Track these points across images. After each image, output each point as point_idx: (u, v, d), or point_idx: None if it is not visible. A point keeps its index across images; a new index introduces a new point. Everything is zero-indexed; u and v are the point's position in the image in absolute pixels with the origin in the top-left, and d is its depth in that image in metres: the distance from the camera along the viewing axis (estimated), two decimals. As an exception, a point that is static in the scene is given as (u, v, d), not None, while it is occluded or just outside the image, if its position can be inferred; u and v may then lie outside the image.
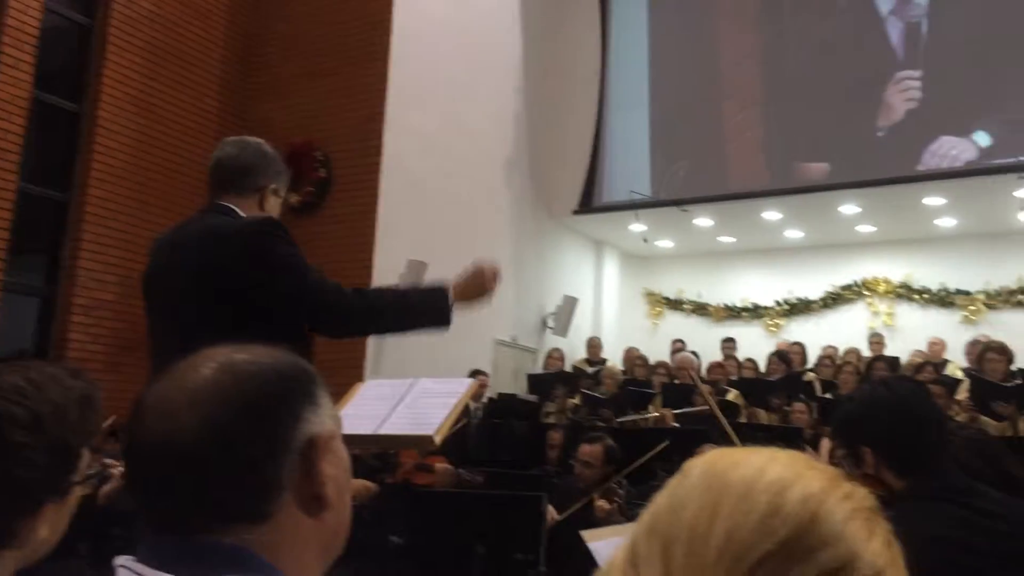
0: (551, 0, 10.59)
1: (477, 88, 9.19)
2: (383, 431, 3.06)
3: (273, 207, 2.65)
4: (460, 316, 2.52)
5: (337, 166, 8.06)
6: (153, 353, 2.51)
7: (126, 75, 7.62)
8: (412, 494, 4.73)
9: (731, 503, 0.66)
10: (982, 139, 8.32)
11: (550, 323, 10.32)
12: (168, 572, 0.79)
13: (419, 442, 3.26)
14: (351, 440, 3.08)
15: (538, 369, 9.56)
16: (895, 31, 8.90)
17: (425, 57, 8.37)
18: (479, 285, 2.57)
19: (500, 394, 8.31)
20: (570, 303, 10.19)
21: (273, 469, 0.86)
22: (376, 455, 4.98)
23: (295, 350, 2.50)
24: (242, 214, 2.57)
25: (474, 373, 7.42)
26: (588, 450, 4.49)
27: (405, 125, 8.08)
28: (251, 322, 2.35)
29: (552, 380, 8.37)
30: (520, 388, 9.11)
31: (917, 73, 8.70)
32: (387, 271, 7.80)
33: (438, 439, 2.89)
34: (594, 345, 9.98)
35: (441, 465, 5.15)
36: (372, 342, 7.55)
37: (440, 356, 7.12)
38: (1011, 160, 7.86)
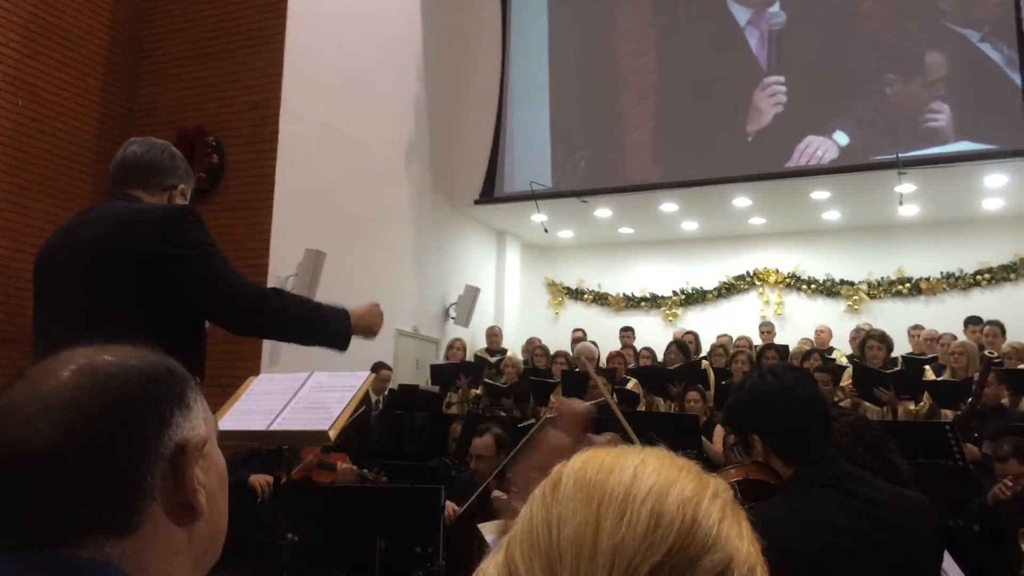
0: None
1: (377, 74, 9.06)
2: (277, 427, 2.98)
3: None
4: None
5: (230, 152, 7.80)
6: (36, 345, 2.37)
7: (3, 53, 7.18)
8: (310, 490, 4.63)
9: (613, 517, 0.66)
10: (841, 138, 8.78)
11: (452, 313, 10.29)
12: None
13: (314, 437, 3.19)
14: (244, 436, 3.00)
15: (440, 359, 9.52)
16: (753, 39, 9.32)
17: (322, 41, 8.19)
18: (372, 322, 2.61)
19: (401, 385, 8.24)
20: (472, 293, 10.18)
21: (138, 478, 0.81)
22: (273, 450, 4.86)
23: (189, 342, 2.40)
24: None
25: (376, 366, 7.33)
26: (479, 443, 4.50)
27: (301, 110, 7.88)
28: (149, 307, 2.24)
29: (455, 370, 8.34)
30: (422, 378, 9.06)
31: (782, 78, 9.11)
32: (284, 260, 7.62)
33: (333, 434, 2.83)
34: (494, 334, 10.00)
35: (344, 465, 5.06)
36: (269, 334, 7.35)
37: (339, 347, 7.00)
38: (891, 156, 8.23)
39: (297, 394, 3.05)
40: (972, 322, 7.99)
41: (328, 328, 2.52)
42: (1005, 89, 8.08)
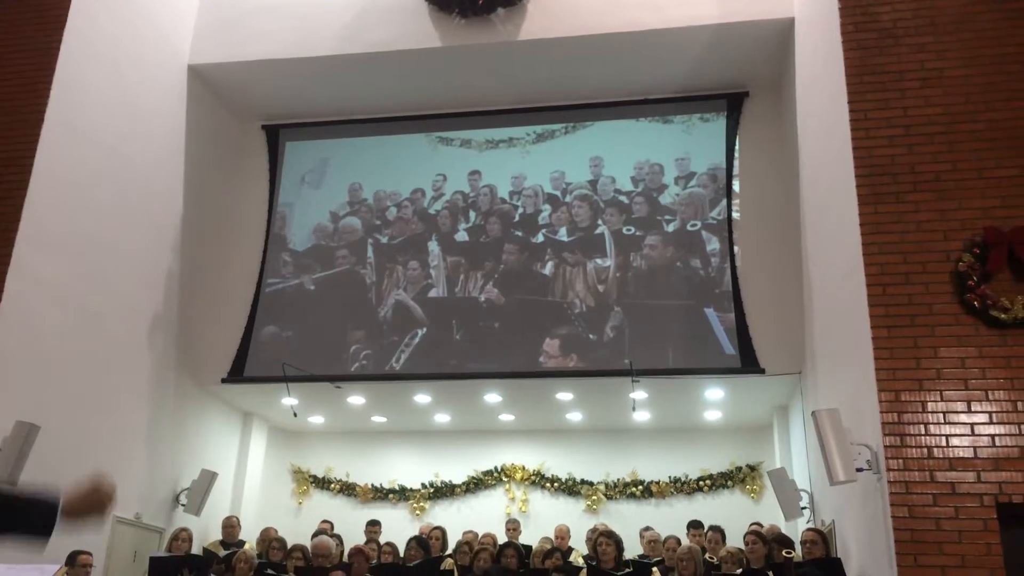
0: (219, 168, 10.53)
1: (126, 241, 8.65)
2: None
3: None
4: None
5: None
6: None
7: None
8: None
9: None
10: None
11: (183, 500, 9.49)
12: None
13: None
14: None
15: (163, 551, 8.66)
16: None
17: (69, 204, 7.78)
18: (96, 503, 2.26)
19: (112, 580, 7.37)
20: (207, 478, 9.47)
21: None
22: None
23: None
24: None
25: (72, 555, 6.57)
26: None
27: (33, 272, 7.31)
28: None
29: (177, 564, 7.61)
30: (140, 572, 8.17)
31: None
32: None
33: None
34: (231, 525, 9.30)
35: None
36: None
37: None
38: (626, 365, 8.85)
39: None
40: (693, 526, 8.49)
41: (22, 525, 2.15)
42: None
